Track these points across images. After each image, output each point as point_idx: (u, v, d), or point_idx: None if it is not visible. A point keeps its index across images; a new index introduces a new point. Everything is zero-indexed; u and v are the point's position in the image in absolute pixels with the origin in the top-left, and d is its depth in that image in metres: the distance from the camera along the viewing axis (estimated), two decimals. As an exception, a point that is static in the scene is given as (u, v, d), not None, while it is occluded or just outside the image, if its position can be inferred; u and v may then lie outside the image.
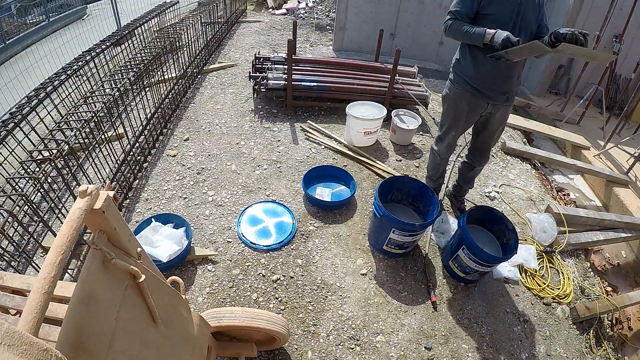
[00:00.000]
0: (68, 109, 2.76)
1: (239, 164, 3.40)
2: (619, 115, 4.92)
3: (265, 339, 1.91)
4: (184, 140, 3.66)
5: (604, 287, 3.06)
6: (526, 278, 2.68)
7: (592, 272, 3.05)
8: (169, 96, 3.90)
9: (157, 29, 4.90)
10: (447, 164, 2.93)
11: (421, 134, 4.09)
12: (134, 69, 3.10)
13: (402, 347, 2.18)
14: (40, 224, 2.30)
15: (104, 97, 2.68)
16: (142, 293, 0.97)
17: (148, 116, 3.46)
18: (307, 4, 8.03)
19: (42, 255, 2.39)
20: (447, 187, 3.25)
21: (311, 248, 2.69)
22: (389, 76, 3.99)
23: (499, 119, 2.48)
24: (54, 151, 2.12)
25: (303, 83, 4.08)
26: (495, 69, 2.19)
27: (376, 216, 2.44)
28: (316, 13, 7.74)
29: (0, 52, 6.36)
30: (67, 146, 2.19)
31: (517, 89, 2.39)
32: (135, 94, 3.25)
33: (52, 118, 2.88)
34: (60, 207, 2.42)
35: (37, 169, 2.10)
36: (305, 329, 2.21)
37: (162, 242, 2.42)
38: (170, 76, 4.11)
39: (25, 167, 2.38)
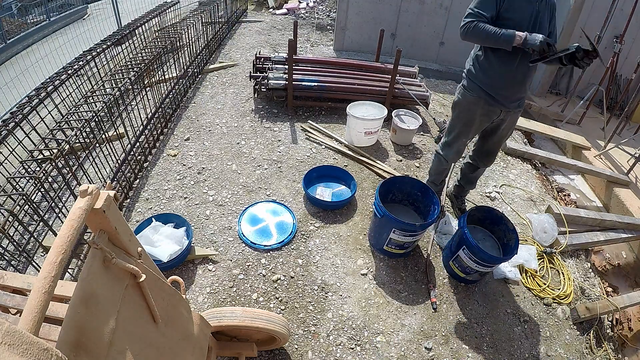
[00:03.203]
0: (69, 109, 2.76)
1: (240, 163, 3.40)
2: (619, 115, 4.92)
3: (266, 339, 1.91)
4: (185, 140, 3.66)
5: (605, 288, 3.06)
6: (526, 278, 2.68)
7: (592, 273, 3.05)
8: (170, 96, 3.90)
9: (158, 28, 4.90)
10: (451, 168, 2.90)
11: (422, 134, 4.09)
12: (135, 69, 3.10)
13: (403, 348, 2.18)
14: (40, 224, 2.30)
15: (105, 96, 2.68)
16: (143, 292, 0.97)
17: (149, 116, 3.46)
18: (307, 4, 8.03)
19: (42, 254, 2.39)
20: (447, 187, 3.25)
21: (312, 248, 2.69)
22: (390, 76, 3.99)
23: (509, 124, 2.46)
24: (55, 150, 2.12)
25: (304, 83, 4.08)
26: (511, 76, 2.16)
27: (376, 216, 2.44)
28: (317, 13, 7.74)
29: (1, 51, 6.37)
30: (67, 145, 2.19)
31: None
32: (135, 93, 3.25)
33: (53, 117, 2.88)
34: (60, 206, 2.43)
35: (38, 169, 2.10)
36: (306, 329, 2.21)
37: (163, 242, 2.42)
38: (170, 76, 4.11)
39: (26, 166, 2.38)
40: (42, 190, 2.12)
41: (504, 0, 2.03)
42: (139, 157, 3.20)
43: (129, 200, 2.95)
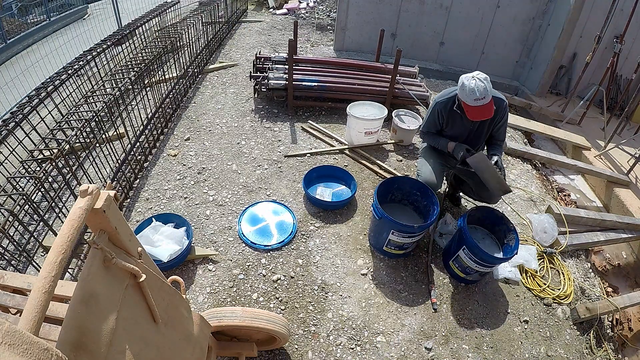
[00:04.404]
0: (69, 109, 2.76)
1: (240, 163, 3.40)
2: (619, 116, 4.91)
3: (266, 339, 1.91)
4: (185, 140, 3.66)
5: (605, 288, 3.06)
6: (527, 278, 2.68)
7: (592, 273, 3.05)
8: (170, 96, 3.90)
9: (158, 28, 4.90)
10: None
11: (422, 134, 4.09)
12: (135, 69, 3.10)
13: (403, 348, 2.18)
14: (40, 223, 2.30)
15: (105, 96, 2.68)
16: (143, 292, 0.97)
17: (149, 116, 3.46)
18: (308, 4, 8.03)
19: (42, 254, 2.39)
20: (446, 189, 3.25)
21: (312, 248, 2.69)
22: (390, 76, 3.99)
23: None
24: (55, 150, 2.12)
25: (304, 83, 4.08)
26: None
27: (375, 217, 2.44)
28: (317, 13, 7.74)
29: (1, 51, 6.37)
30: (67, 145, 2.19)
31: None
32: (135, 93, 3.25)
33: (53, 117, 2.88)
34: (60, 206, 2.43)
35: (38, 168, 2.10)
36: (306, 329, 2.21)
37: (163, 242, 2.42)
38: (171, 76, 4.11)
39: (26, 166, 2.38)
40: (42, 190, 2.12)
41: (443, 123, 2.62)
42: (139, 157, 3.20)
43: (129, 200, 2.95)
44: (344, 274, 2.54)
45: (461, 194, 3.14)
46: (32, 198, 2.21)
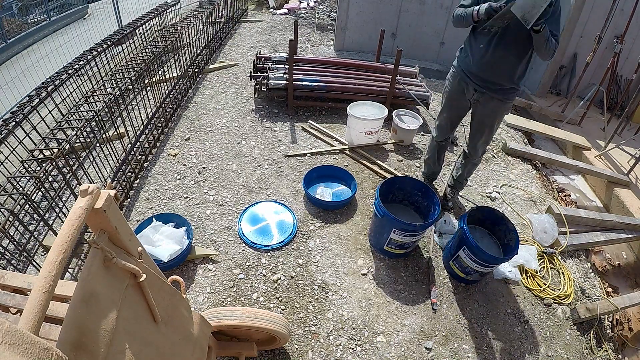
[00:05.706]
0: (69, 108, 2.76)
1: (240, 163, 3.40)
2: (620, 116, 4.91)
3: (266, 339, 1.91)
4: (185, 140, 3.66)
5: (605, 288, 3.06)
6: (527, 279, 2.68)
7: (592, 273, 3.05)
8: (170, 96, 3.90)
9: (158, 28, 4.90)
10: (443, 151, 3.05)
11: (422, 134, 4.09)
12: (135, 69, 3.10)
13: (403, 348, 2.18)
14: (41, 223, 2.30)
15: (105, 96, 2.68)
16: (143, 292, 0.97)
17: (149, 115, 3.46)
18: (308, 4, 8.03)
19: (42, 254, 2.39)
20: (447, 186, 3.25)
21: (312, 248, 2.69)
22: (390, 76, 3.99)
23: (488, 112, 2.54)
24: (55, 150, 2.12)
25: (304, 83, 4.08)
26: (480, 58, 2.38)
27: (377, 216, 2.44)
28: (317, 13, 7.74)
29: (2, 51, 6.37)
30: (68, 145, 2.19)
31: (513, 87, 2.43)
32: (136, 93, 3.25)
33: (53, 117, 2.88)
34: (61, 206, 2.43)
35: (38, 168, 2.10)
36: (306, 329, 2.21)
37: (163, 242, 2.42)
38: (171, 75, 4.11)
39: (27, 166, 2.38)
40: (43, 189, 2.12)
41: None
42: (140, 156, 3.20)
43: (129, 199, 2.95)
44: (344, 273, 2.54)
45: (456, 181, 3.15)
46: (32, 198, 2.20)
